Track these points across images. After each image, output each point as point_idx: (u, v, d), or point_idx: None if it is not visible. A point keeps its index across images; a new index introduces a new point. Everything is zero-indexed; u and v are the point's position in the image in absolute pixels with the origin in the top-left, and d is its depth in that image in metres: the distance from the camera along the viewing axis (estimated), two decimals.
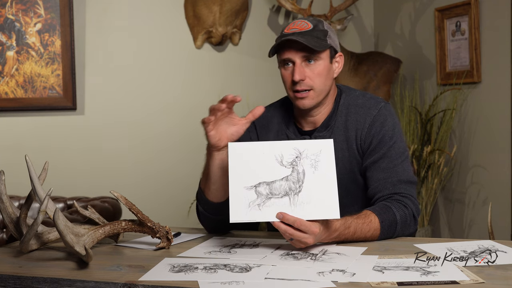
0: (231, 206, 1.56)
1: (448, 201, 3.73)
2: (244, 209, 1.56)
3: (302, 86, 1.82)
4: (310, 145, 1.62)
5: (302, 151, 1.61)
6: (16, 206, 1.79)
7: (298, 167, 1.60)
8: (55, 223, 1.44)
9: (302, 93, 1.83)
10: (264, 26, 4.10)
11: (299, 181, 1.59)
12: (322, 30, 1.84)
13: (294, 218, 1.52)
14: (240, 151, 1.61)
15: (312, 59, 1.82)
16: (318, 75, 1.83)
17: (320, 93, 1.85)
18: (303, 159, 1.61)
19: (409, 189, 1.82)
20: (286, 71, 1.86)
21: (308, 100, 1.84)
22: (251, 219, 1.56)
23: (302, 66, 1.82)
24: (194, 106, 3.92)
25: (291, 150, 1.61)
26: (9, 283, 1.41)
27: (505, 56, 3.24)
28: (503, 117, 3.27)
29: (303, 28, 1.83)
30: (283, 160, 1.60)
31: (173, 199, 3.87)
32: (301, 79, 1.81)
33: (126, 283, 1.33)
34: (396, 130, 1.87)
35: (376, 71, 3.93)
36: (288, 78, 1.85)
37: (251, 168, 1.59)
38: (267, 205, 1.56)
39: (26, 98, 3.58)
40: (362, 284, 1.29)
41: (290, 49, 1.82)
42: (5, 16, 3.55)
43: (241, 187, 1.58)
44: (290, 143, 1.63)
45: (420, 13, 3.91)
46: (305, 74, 1.82)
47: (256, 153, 1.61)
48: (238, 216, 1.56)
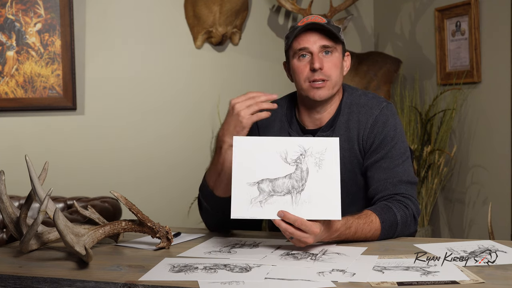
0: (233, 202, 1.55)
1: (448, 201, 3.73)
2: (246, 206, 1.55)
3: (320, 75, 1.81)
4: (315, 143, 1.61)
5: (307, 149, 1.60)
6: (16, 206, 1.79)
7: (302, 165, 1.59)
8: (55, 223, 1.44)
9: (320, 83, 1.82)
10: (264, 26, 4.10)
11: (302, 179, 1.58)
12: (335, 26, 1.86)
13: (295, 217, 1.52)
14: (245, 145, 1.60)
15: (329, 51, 1.83)
16: (334, 66, 1.84)
17: (335, 85, 1.85)
18: (307, 157, 1.59)
19: (410, 189, 1.82)
20: (301, 62, 1.85)
21: (324, 90, 1.83)
22: (253, 216, 1.55)
23: (320, 56, 1.82)
24: (194, 106, 3.92)
25: (296, 147, 1.60)
26: (9, 283, 1.41)
27: (505, 56, 3.24)
28: (503, 117, 3.27)
29: (318, 21, 1.83)
30: (287, 157, 1.59)
31: (173, 199, 3.87)
32: (321, 68, 1.81)
33: (126, 283, 1.33)
34: (398, 131, 1.87)
35: (376, 71, 3.93)
36: (304, 68, 1.84)
37: (255, 164, 1.59)
38: (269, 202, 1.56)
39: (26, 98, 3.58)
40: (362, 284, 1.29)
41: (309, 39, 1.82)
42: (5, 16, 3.55)
43: (244, 182, 1.57)
44: (295, 139, 1.63)
45: (420, 13, 3.91)
46: (323, 64, 1.82)
47: (260, 148, 1.60)
48: (239, 212, 1.55)
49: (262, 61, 4.07)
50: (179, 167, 3.90)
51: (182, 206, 3.85)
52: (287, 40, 1.88)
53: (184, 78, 3.93)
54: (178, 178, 3.89)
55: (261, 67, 4.08)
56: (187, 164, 3.89)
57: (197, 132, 3.93)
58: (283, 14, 4.14)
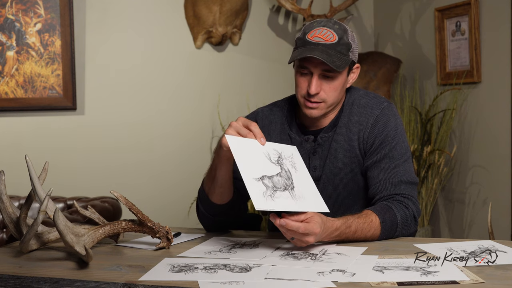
0: (251, 195, 1.52)
1: (448, 201, 3.73)
2: (262, 198, 1.53)
3: (315, 98, 1.80)
4: (283, 148, 1.70)
5: (280, 153, 1.68)
6: (16, 206, 1.79)
7: (283, 166, 1.66)
8: (55, 223, 1.44)
9: (313, 104, 1.81)
10: (264, 26, 4.10)
11: (289, 178, 1.64)
12: (346, 43, 1.79)
13: (297, 224, 1.52)
14: (239, 143, 1.62)
15: (331, 76, 1.79)
16: (333, 89, 1.81)
17: (331, 105, 1.84)
18: (284, 159, 1.67)
19: (410, 190, 1.81)
20: (302, 77, 1.82)
21: (317, 110, 1.83)
22: (270, 207, 1.52)
23: (319, 79, 1.79)
24: (194, 106, 3.92)
25: (272, 150, 1.67)
26: (9, 283, 1.41)
27: (505, 56, 3.24)
28: (503, 117, 3.27)
29: (329, 40, 1.77)
30: (271, 158, 1.65)
31: (173, 199, 3.87)
32: (317, 93, 1.79)
33: (126, 283, 1.33)
34: (398, 131, 1.86)
35: (376, 71, 3.93)
36: (303, 85, 1.81)
37: (252, 161, 1.60)
38: (276, 196, 1.57)
39: (26, 98, 3.58)
40: (362, 284, 1.29)
41: (312, 60, 1.77)
42: (5, 16, 3.55)
43: (251, 177, 1.56)
44: (271, 145, 1.68)
45: (420, 13, 3.91)
46: (321, 87, 1.79)
47: (251, 148, 1.63)
48: (261, 204, 1.51)
49: (262, 61, 4.07)
50: (179, 167, 3.90)
51: (182, 206, 3.85)
52: (295, 45, 1.83)
53: (184, 78, 3.93)
54: (178, 178, 3.89)
55: (261, 67, 4.08)
56: (187, 164, 3.89)
57: (197, 132, 3.93)
58: (283, 14, 4.14)
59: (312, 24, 1.82)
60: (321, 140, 1.88)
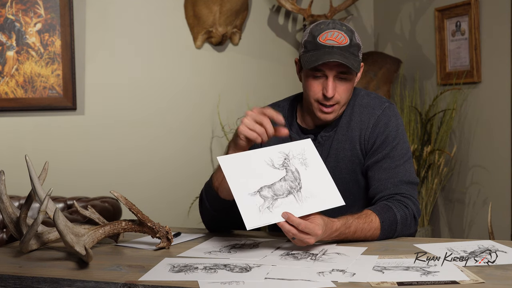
0: (242, 214, 1.54)
1: (448, 201, 3.73)
2: (256, 214, 1.55)
3: (331, 101, 1.80)
4: (292, 146, 1.67)
5: (287, 153, 1.66)
6: (16, 206, 1.79)
7: (290, 167, 1.64)
8: (55, 223, 1.44)
9: (329, 108, 1.81)
10: (264, 26, 4.10)
11: (296, 179, 1.62)
12: (357, 44, 1.80)
13: (299, 220, 1.52)
14: (231, 162, 1.62)
15: (345, 78, 1.80)
16: (347, 90, 1.82)
17: (344, 106, 1.85)
18: (291, 160, 1.65)
19: (411, 190, 1.82)
20: (315, 80, 1.80)
21: (332, 114, 1.83)
22: (266, 222, 1.55)
23: (335, 81, 1.79)
24: (194, 106, 3.92)
25: (277, 153, 1.65)
26: (9, 283, 1.41)
27: (505, 56, 3.24)
28: (503, 117, 3.27)
29: (341, 42, 1.77)
30: (275, 164, 1.63)
31: (173, 199, 3.87)
32: (333, 96, 1.79)
33: (126, 283, 1.33)
34: (399, 131, 1.86)
35: (376, 71, 3.93)
36: (317, 89, 1.80)
37: (249, 176, 1.60)
38: (276, 205, 1.57)
39: (26, 98, 3.58)
40: (362, 284, 1.29)
41: (327, 64, 1.76)
42: (5, 16, 3.55)
43: (246, 194, 1.57)
44: (274, 148, 1.66)
45: (420, 13, 3.91)
46: (335, 89, 1.79)
47: (247, 161, 1.62)
48: (253, 222, 1.53)
49: (262, 61, 4.07)
50: (179, 167, 3.90)
51: (182, 206, 3.85)
52: (305, 49, 1.81)
53: (184, 78, 3.93)
54: (178, 178, 3.89)
55: (261, 67, 4.08)
56: (187, 164, 3.89)
57: (197, 132, 3.93)
58: (283, 14, 4.14)
59: (319, 26, 1.81)
60: (322, 140, 1.89)
